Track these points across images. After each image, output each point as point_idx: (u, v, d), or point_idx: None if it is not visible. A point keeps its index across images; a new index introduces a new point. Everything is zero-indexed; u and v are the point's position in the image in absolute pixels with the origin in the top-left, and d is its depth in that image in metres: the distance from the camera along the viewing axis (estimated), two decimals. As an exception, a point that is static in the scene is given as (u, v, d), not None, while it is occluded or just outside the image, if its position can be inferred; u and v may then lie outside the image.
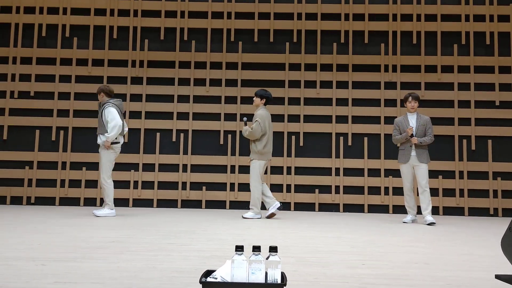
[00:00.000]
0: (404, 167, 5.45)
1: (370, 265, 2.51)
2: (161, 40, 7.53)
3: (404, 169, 5.45)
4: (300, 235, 3.87)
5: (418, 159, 5.36)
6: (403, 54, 7.44)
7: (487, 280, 2.18)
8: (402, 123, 5.51)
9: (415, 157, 5.37)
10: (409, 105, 5.48)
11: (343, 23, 7.50)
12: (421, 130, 5.42)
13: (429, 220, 5.14)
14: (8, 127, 7.26)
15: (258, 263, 1.69)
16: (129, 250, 2.82)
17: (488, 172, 7.10)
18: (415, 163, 5.38)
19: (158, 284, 1.94)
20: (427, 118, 5.49)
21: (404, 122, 5.50)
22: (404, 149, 5.47)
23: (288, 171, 7.22)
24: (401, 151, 5.50)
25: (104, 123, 5.38)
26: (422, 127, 5.42)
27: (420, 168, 5.34)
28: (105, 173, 5.35)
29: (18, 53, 7.40)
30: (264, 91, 5.74)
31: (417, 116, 5.49)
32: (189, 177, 7.20)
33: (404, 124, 5.48)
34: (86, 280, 1.98)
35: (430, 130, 5.43)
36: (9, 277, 2.01)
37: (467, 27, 7.42)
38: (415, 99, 5.47)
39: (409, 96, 5.50)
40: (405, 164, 5.44)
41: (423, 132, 5.42)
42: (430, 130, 5.44)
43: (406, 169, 5.44)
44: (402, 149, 5.50)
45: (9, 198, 7.10)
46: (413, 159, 5.38)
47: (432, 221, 5.12)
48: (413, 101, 5.46)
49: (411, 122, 5.47)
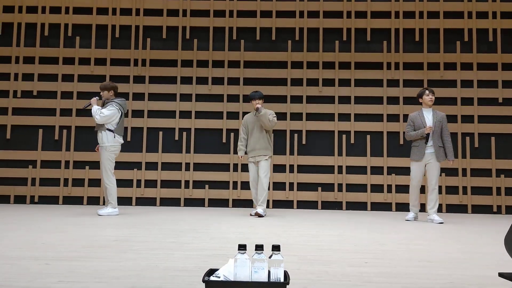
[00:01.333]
0: (416, 165, 5.30)
1: (372, 263, 2.51)
2: (163, 38, 7.53)
3: (416, 167, 5.31)
4: (302, 233, 3.87)
5: (435, 156, 5.21)
6: (406, 52, 7.42)
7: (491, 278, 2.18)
8: (417, 119, 5.35)
9: (433, 154, 5.22)
10: (427, 98, 5.32)
11: (345, 21, 7.49)
12: (438, 126, 5.26)
13: (438, 220, 5.09)
14: (11, 127, 7.28)
15: (261, 262, 1.70)
16: (132, 249, 2.83)
17: (491, 169, 7.08)
18: (431, 160, 5.23)
19: (161, 283, 1.94)
20: (443, 115, 5.34)
21: (419, 118, 5.34)
22: (418, 146, 5.30)
23: (290, 169, 7.22)
24: (415, 148, 5.34)
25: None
26: (439, 123, 5.27)
27: (434, 165, 5.21)
28: (107, 172, 5.34)
29: (21, 52, 7.42)
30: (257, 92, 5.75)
31: (433, 112, 5.33)
32: (192, 176, 7.21)
33: (419, 120, 5.32)
34: (89, 279, 1.98)
35: (446, 128, 5.27)
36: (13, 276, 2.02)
37: (470, 24, 7.39)
38: (432, 92, 5.34)
39: (426, 89, 5.37)
40: (418, 162, 5.29)
41: (440, 128, 5.27)
42: (446, 128, 5.28)
43: (417, 167, 5.30)
44: (415, 145, 5.34)
45: (12, 197, 7.12)
46: (429, 156, 5.24)
47: (440, 221, 5.08)
48: (430, 94, 5.32)
49: (427, 118, 5.31)
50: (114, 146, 5.37)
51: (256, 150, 5.67)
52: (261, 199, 5.55)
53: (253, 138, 5.70)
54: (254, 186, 5.76)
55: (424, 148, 5.26)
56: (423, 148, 5.26)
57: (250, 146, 5.73)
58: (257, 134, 5.68)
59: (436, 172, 5.22)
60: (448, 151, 5.26)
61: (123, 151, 7.21)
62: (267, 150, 5.67)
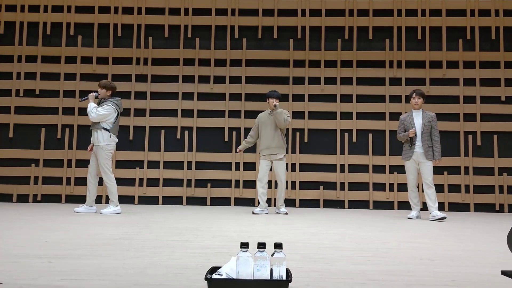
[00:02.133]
0: (409, 163, 5.42)
1: (375, 261, 2.51)
2: (165, 37, 7.53)
3: (409, 165, 5.42)
4: (305, 231, 3.87)
5: (424, 156, 5.30)
6: (408, 50, 7.41)
7: (493, 276, 2.17)
8: (407, 120, 5.45)
9: (422, 154, 5.32)
10: (413, 101, 5.43)
11: (347, 19, 7.48)
12: (427, 127, 5.34)
13: (439, 215, 5.09)
14: (14, 125, 7.30)
15: (263, 259, 1.70)
16: (134, 247, 2.84)
17: (494, 168, 7.07)
18: (420, 159, 5.33)
19: (164, 280, 1.95)
20: (432, 115, 5.41)
21: (408, 120, 5.44)
22: (407, 146, 5.43)
23: (292, 168, 7.22)
24: (405, 149, 5.46)
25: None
26: (428, 124, 5.35)
27: (426, 165, 5.29)
28: (105, 171, 5.36)
29: (23, 51, 7.44)
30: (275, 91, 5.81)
31: (422, 113, 5.42)
32: (194, 174, 7.22)
33: (408, 122, 5.43)
34: (92, 277, 1.99)
35: (435, 128, 5.34)
36: (16, 273, 2.02)
37: (472, 22, 7.37)
38: (419, 95, 5.41)
39: (413, 92, 5.46)
40: (409, 161, 5.41)
41: (429, 129, 5.35)
42: (435, 128, 5.35)
43: (410, 165, 5.40)
44: (405, 146, 5.46)
45: (15, 196, 7.14)
46: (419, 156, 5.33)
47: (442, 216, 5.08)
48: (417, 97, 5.41)
49: (416, 119, 5.40)
50: (110, 145, 5.38)
51: (272, 148, 5.70)
52: (282, 198, 5.76)
53: (267, 136, 5.73)
54: (263, 182, 5.76)
55: (413, 148, 5.36)
56: (413, 148, 5.36)
57: (264, 144, 5.75)
58: (272, 132, 5.70)
59: (429, 170, 5.28)
60: (436, 150, 5.32)
61: (125, 150, 7.23)
62: (282, 148, 5.73)
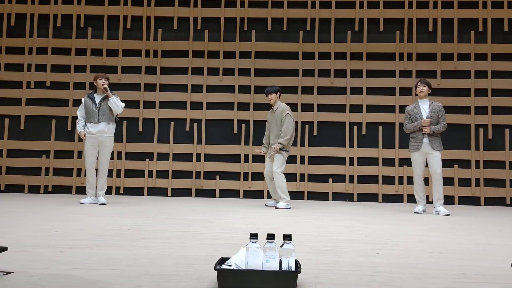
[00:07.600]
0: (416, 155, 5.32)
1: (384, 254, 2.51)
2: (174, 29, 7.53)
3: (416, 157, 5.32)
4: (314, 224, 3.87)
5: (431, 147, 5.23)
6: (419, 42, 7.33)
7: (504, 269, 2.16)
8: (414, 110, 5.37)
9: (428, 144, 5.24)
10: (418, 89, 5.35)
11: (358, 11, 7.41)
12: (434, 117, 5.27)
13: (444, 212, 5.07)
14: (25, 117, 7.37)
15: (272, 251, 1.70)
16: (144, 237, 2.86)
17: (505, 161, 7.00)
18: (428, 150, 5.25)
19: (173, 271, 1.96)
20: (439, 105, 5.33)
21: (416, 110, 5.36)
22: (415, 137, 5.33)
23: (301, 161, 7.21)
24: (412, 139, 5.37)
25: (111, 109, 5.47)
26: (435, 114, 5.27)
27: (434, 156, 5.22)
28: (108, 163, 5.62)
29: (34, 43, 7.48)
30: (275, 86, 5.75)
31: (429, 103, 5.34)
32: (203, 166, 7.24)
33: (416, 112, 5.34)
34: (103, 267, 2.01)
35: (443, 118, 5.28)
36: (28, 263, 2.05)
37: (484, 13, 7.27)
38: (424, 83, 5.34)
39: (419, 81, 5.39)
40: (417, 152, 5.32)
41: (436, 119, 5.28)
42: (443, 117, 5.28)
43: (418, 157, 5.31)
44: (413, 137, 5.36)
45: (26, 187, 7.22)
46: (426, 147, 5.26)
47: (447, 213, 5.06)
48: (422, 85, 5.33)
49: (423, 109, 5.32)
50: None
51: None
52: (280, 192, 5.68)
53: (272, 135, 5.71)
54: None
55: (421, 138, 5.29)
56: (421, 138, 5.29)
57: (271, 140, 5.73)
58: (276, 131, 5.67)
59: (439, 161, 5.21)
60: (435, 128, 5.23)
61: (135, 142, 7.27)
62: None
